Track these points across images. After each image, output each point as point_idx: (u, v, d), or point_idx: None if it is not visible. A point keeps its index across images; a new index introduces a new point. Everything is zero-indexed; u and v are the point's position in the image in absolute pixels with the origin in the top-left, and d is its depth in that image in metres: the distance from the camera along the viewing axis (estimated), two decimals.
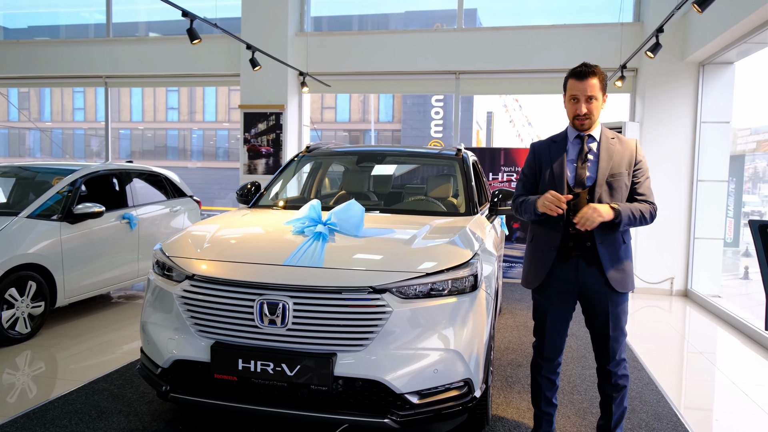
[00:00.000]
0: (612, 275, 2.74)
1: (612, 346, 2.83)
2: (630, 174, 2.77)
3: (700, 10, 4.06)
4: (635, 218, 2.69)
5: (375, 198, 4.52)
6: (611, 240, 2.75)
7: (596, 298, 2.80)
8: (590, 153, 2.80)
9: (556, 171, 2.81)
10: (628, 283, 2.78)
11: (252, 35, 8.44)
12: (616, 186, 2.74)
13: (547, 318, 2.90)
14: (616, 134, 2.86)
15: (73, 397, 3.59)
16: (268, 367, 2.61)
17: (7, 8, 12.71)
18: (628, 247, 2.81)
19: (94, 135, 41.39)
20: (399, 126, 37.71)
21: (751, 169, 11.68)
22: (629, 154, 2.79)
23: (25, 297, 4.75)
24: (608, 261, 2.74)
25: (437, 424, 2.75)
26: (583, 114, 2.74)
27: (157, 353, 2.86)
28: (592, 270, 2.76)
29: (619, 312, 2.81)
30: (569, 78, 2.77)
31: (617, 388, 2.87)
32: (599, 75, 2.73)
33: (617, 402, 2.89)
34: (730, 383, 4.37)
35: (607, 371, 2.87)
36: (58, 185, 5.31)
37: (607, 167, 2.75)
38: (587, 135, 2.82)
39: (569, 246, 2.78)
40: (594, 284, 2.78)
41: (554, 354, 2.95)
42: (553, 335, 2.91)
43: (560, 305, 2.87)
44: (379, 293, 2.62)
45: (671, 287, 7.62)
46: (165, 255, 3.06)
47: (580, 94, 2.73)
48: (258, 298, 2.66)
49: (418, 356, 2.63)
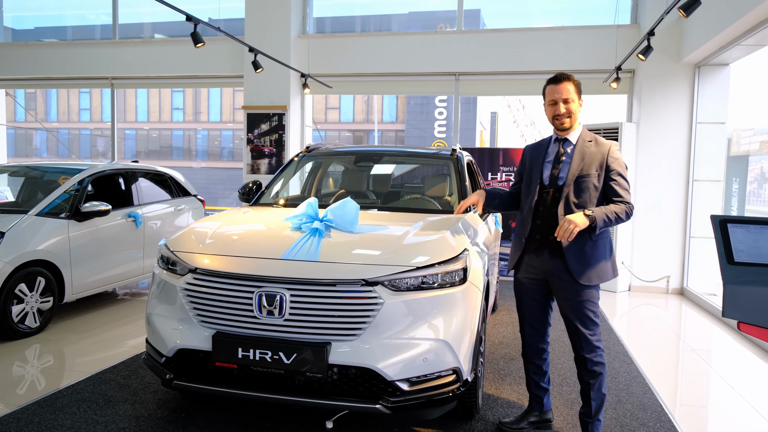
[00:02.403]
0: (575, 268, 2.93)
1: (582, 333, 3.01)
2: (600, 176, 2.95)
3: (685, 15, 4.19)
4: (611, 220, 2.87)
5: (373, 197, 4.66)
6: (576, 237, 2.90)
7: (562, 287, 3.02)
8: (565, 155, 3.03)
9: (534, 171, 3.09)
10: (593, 277, 2.94)
11: (255, 37, 8.60)
12: (583, 186, 2.94)
13: (523, 301, 3.21)
14: (594, 137, 3.05)
15: (81, 386, 3.74)
16: (266, 356, 2.75)
17: (15, 10, 12.90)
18: (597, 243, 2.96)
19: (100, 135, 41.71)
20: (402, 126, 37.85)
21: (757, 170, 11.73)
22: (601, 156, 2.97)
23: (35, 292, 4.91)
24: (572, 255, 2.94)
25: (427, 410, 2.89)
26: (563, 113, 2.98)
27: (161, 343, 3.01)
28: (556, 261, 2.99)
29: (584, 301, 2.98)
30: (546, 85, 3.04)
31: (593, 375, 3.04)
32: (573, 81, 3.01)
33: (595, 389, 3.05)
34: (719, 377, 4.50)
35: (581, 358, 3.05)
36: (66, 184, 5.47)
37: (577, 168, 2.96)
38: (564, 139, 3.05)
39: (537, 238, 3.04)
40: (558, 273, 3.00)
41: (535, 339, 3.20)
42: (532, 319, 3.19)
43: (532, 290, 3.15)
44: (372, 286, 2.77)
45: (667, 285, 7.74)
46: (169, 250, 3.21)
47: (557, 96, 2.99)
48: (257, 290, 2.80)
49: (409, 345, 2.77)
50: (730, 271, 2.00)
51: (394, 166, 5.57)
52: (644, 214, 7.74)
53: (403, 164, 5.96)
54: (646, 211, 7.74)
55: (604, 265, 2.98)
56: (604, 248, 2.99)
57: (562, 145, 3.06)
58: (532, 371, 3.27)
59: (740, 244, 2.00)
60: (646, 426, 3.40)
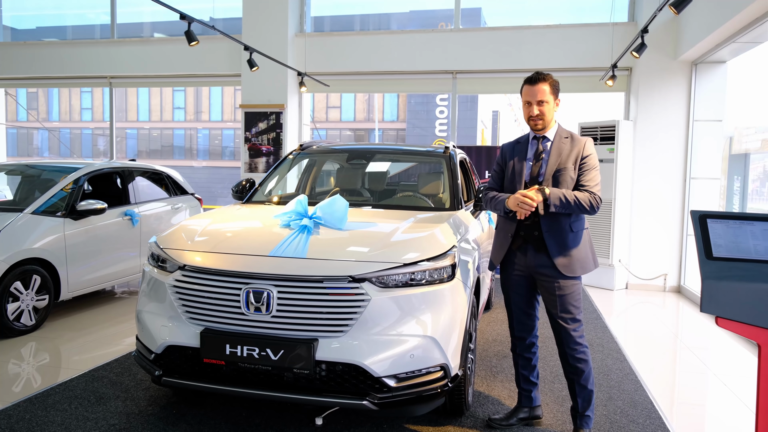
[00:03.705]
0: (559, 261, 3.00)
1: (564, 328, 3.06)
2: (576, 168, 3.03)
3: (676, 11, 4.19)
4: (568, 202, 2.91)
5: (368, 194, 4.67)
6: (557, 229, 3.01)
7: (545, 282, 3.07)
8: (544, 152, 3.10)
9: (517, 168, 3.15)
10: (577, 268, 3.02)
11: (252, 36, 8.62)
12: (561, 179, 3.02)
13: (510, 296, 3.25)
14: (570, 133, 3.13)
15: (73, 383, 3.76)
16: (253, 352, 2.76)
17: (15, 10, 12.94)
18: (578, 235, 3.05)
19: (101, 134, 41.78)
20: (404, 125, 37.84)
21: (758, 168, 11.72)
22: (577, 151, 3.05)
23: (30, 290, 4.93)
24: (555, 248, 3.00)
25: (415, 406, 2.90)
26: (536, 115, 3.05)
27: (150, 340, 3.02)
28: (540, 256, 3.05)
29: (567, 296, 3.04)
30: (523, 85, 3.09)
31: (576, 371, 3.08)
32: (549, 81, 3.05)
33: (579, 384, 3.09)
34: (713, 375, 4.50)
35: (563, 352, 3.11)
36: (62, 183, 5.48)
37: (555, 163, 3.04)
38: (542, 137, 3.12)
39: (521, 234, 3.10)
40: (542, 268, 3.06)
41: (523, 333, 3.25)
42: (519, 314, 3.23)
43: (518, 286, 3.20)
44: (359, 282, 2.77)
45: (664, 283, 7.73)
46: (159, 247, 3.22)
47: (531, 98, 3.05)
48: (244, 286, 2.81)
49: (396, 342, 2.77)
50: (709, 266, 2.01)
51: (389, 164, 5.57)
52: (641, 211, 7.74)
53: (397, 162, 5.96)
54: (643, 209, 7.73)
55: (586, 256, 3.06)
56: (585, 240, 3.07)
57: (540, 143, 3.13)
58: (522, 365, 3.31)
59: (719, 239, 2.01)
60: (635, 423, 3.41)
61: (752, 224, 2.08)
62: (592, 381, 3.12)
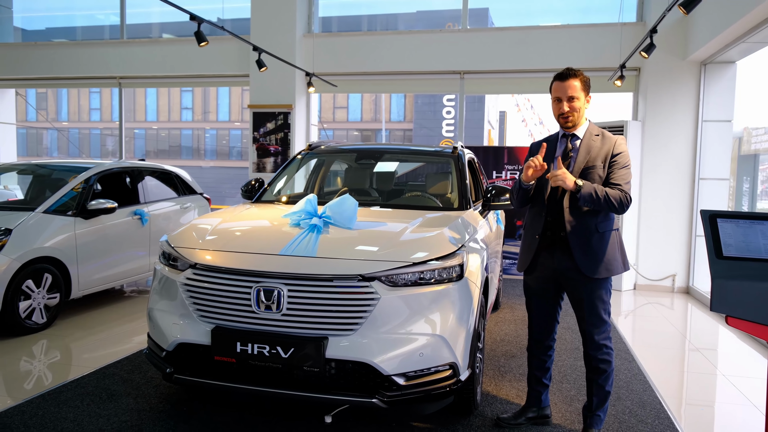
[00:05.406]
0: (582, 262, 2.93)
1: (589, 330, 3.03)
2: (605, 166, 2.96)
3: (685, 12, 4.18)
4: (598, 197, 2.84)
5: (376, 194, 4.69)
6: (582, 229, 2.94)
7: (572, 285, 3.03)
8: (573, 150, 3.03)
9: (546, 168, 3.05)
10: (602, 270, 2.94)
11: (261, 36, 8.65)
12: (588, 177, 2.95)
13: (532, 299, 3.20)
14: (601, 131, 3.05)
15: (85, 380, 3.80)
16: (264, 350, 2.79)
17: (25, 11, 13.05)
18: (604, 236, 2.96)
19: (110, 135, 42.05)
20: (411, 126, 37.86)
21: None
22: (607, 148, 2.98)
23: (42, 288, 4.97)
24: (578, 249, 2.94)
25: (424, 405, 2.92)
26: (566, 111, 2.96)
27: (162, 337, 3.05)
28: (566, 257, 2.99)
29: (594, 299, 2.99)
30: (553, 81, 3.01)
31: (597, 371, 3.06)
32: (580, 77, 2.96)
33: (598, 384, 3.07)
34: (722, 376, 4.48)
35: (588, 354, 3.08)
36: (73, 182, 5.53)
37: (583, 161, 2.98)
38: (572, 135, 3.05)
39: (548, 234, 3.03)
40: (568, 271, 3.00)
41: (542, 335, 3.21)
42: (540, 316, 3.19)
43: (542, 288, 3.13)
44: (368, 281, 2.79)
45: (673, 284, 7.71)
46: (170, 246, 3.25)
47: (562, 94, 2.97)
48: (255, 285, 2.84)
49: (405, 340, 2.79)
50: (719, 265, 2.01)
51: (398, 164, 5.58)
52: (650, 212, 7.71)
53: (405, 162, 5.98)
54: (651, 210, 7.71)
55: (613, 258, 2.96)
56: (613, 242, 2.98)
57: (570, 141, 3.05)
58: (536, 367, 3.28)
59: (729, 239, 2.01)
60: (644, 423, 3.41)
61: (762, 224, 2.08)
62: (611, 383, 3.09)
